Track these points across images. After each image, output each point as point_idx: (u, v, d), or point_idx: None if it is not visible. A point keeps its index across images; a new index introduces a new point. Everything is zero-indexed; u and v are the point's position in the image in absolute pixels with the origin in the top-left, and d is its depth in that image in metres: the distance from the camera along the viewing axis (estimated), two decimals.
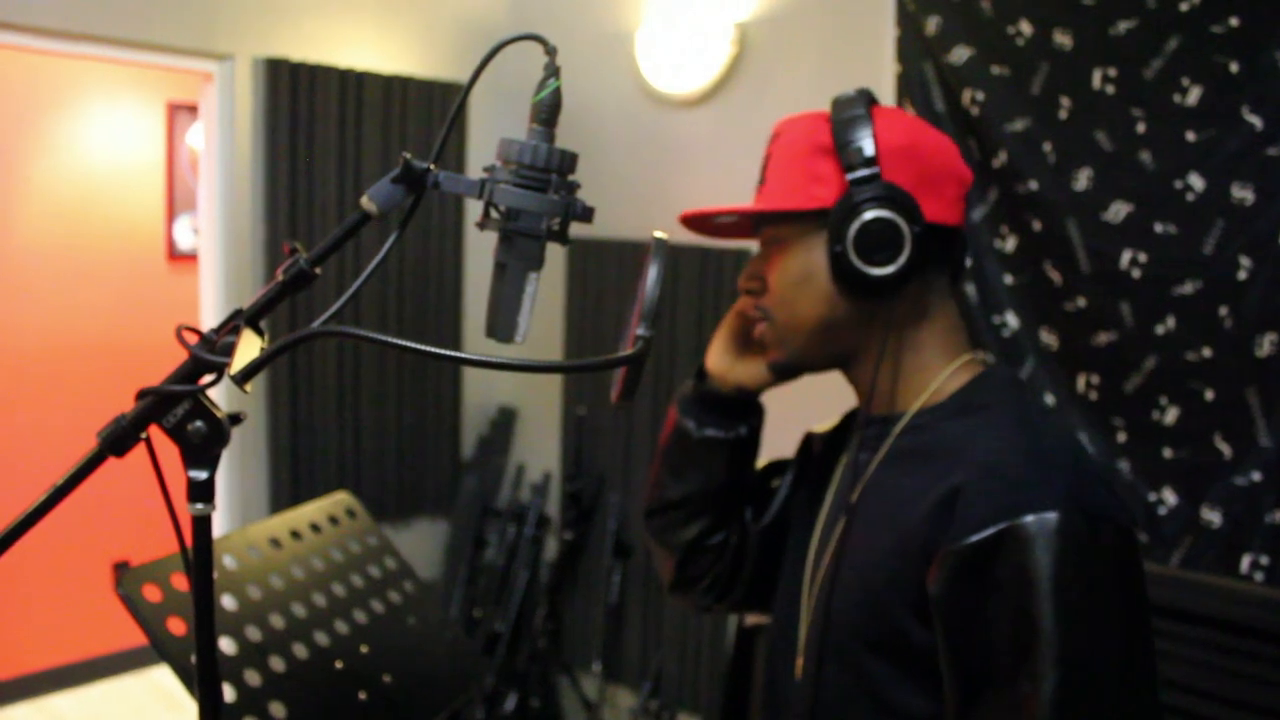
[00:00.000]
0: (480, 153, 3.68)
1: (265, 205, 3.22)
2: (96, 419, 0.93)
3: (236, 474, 3.30)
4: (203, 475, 0.94)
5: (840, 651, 1.08)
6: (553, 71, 0.96)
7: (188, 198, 4.38)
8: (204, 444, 0.94)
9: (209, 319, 3.24)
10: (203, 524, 0.95)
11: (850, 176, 1.05)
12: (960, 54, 2.51)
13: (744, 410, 1.31)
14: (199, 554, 0.96)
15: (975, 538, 0.92)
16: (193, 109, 4.28)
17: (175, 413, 0.93)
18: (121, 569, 1.23)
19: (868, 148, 1.05)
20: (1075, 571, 0.90)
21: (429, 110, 3.55)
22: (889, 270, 1.04)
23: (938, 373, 1.10)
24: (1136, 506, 2.30)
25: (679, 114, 3.33)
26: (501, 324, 0.95)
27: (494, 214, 0.94)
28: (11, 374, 4.05)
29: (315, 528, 1.52)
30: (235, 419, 0.97)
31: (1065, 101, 2.37)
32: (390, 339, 0.87)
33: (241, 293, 3.19)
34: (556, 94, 0.96)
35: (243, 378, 0.89)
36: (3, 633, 4.09)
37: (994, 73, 2.46)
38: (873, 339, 1.11)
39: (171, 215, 4.43)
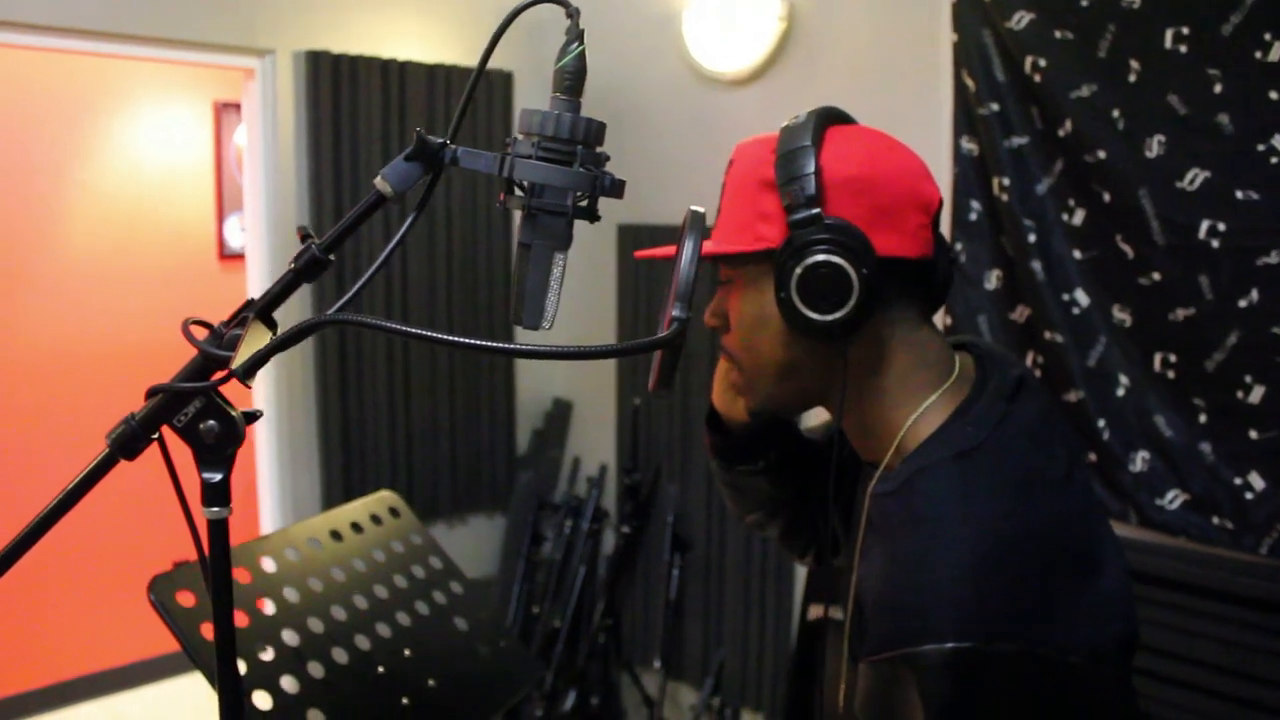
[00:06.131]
0: None
1: (310, 200, 3.20)
2: None
3: (287, 474, 3.28)
4: (217, 477, 0.89)
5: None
6: (576, 36, 0.90)
7: (237, 197, 4.39)
8: (217, 444, 0.89)
9: None
10: (219, 528, 0.91)
11: (791, 218, 0.99)
12: (1021, 19, 2.40)
13: (767, 438, 1.27)
14: (216, 560, 0.92)
15: (875, 659, 0.92)
16: (239, 107, 4.28)
17: (186, 411, 0.88)
18: (181, 568, 1.21)
19: (809, 185, 0.98)
20: (964, 707, 0.87)
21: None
22: (836, 316, 0.98)
23: (903, 421, 1.03)
24: (1220, 491, 2.19)
25: (729, 94, 3.25)
26: (528, 309, 0.88)
27: (517, 191, 0.88)
28: (66, 377, 4.09)
29: (356, 527, 1.48)
30: (251, 416, 0.92)
31: (1134, 64, 2.25)
32: (402, 327, 0.81)
33: None
34: (580, 59, 0.89)
35: (246, 371, 0.83)
36: (69, 632, 4.15)
37: (1057, 37, 2.35)
38: (838, 381, 1.05)
39: (221, 215, 4.46)
